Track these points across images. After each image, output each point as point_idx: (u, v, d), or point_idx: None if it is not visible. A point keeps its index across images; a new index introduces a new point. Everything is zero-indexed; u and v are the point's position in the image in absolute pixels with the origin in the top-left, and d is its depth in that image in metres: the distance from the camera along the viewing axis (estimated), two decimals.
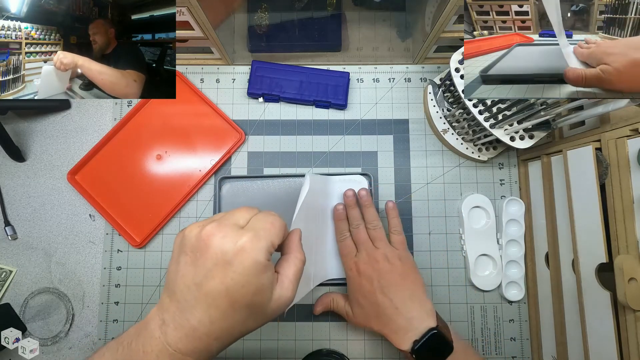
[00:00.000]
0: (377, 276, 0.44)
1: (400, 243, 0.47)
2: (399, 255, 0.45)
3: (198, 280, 0.28)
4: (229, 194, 0.53)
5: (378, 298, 0.43)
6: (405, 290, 0.43)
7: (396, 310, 0.42)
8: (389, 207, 0.49)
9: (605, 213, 0.39)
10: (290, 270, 0.32)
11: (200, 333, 0.28)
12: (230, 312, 0.28)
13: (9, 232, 0.53)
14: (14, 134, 0.55)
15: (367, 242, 0.46)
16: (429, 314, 0.42)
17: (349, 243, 0.47)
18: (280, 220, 0.32)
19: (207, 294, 0.28)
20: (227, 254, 0.28)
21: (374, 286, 0.43)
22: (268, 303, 0.30)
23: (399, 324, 0.41)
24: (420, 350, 0.40)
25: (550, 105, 0.41)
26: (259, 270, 0.28)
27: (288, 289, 0.31)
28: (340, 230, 0.49)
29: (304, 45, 0.57)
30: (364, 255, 0.45)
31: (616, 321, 0.37)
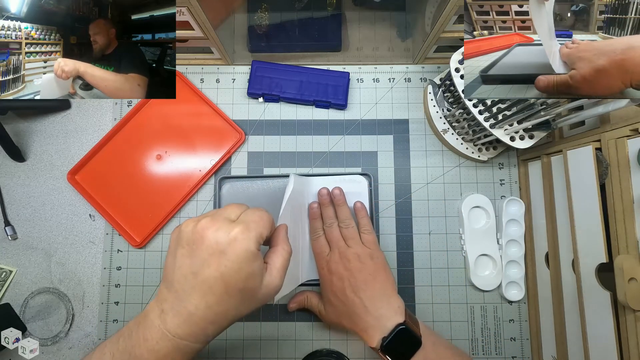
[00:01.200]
0: (348, 275, 0.44)
1: (372, 242, 0.47)
2: (370, 254, 0.45)
3: (195, 270, 0.31)
4: (229, 194, 0.53)
5: (348, 296, 0.43)
6: (375, 289, 0.43)
7: (365, 309, 0.42)
8: (357, 207, 0.50)
9: (605, 213, 0.39)
10: (278, 261, 0.34)
11: (197, 318, 0.31)
12: (225, 297, 0.31)
13: (9, 232, 0.53)
14: (14, 134, 0.55)
15: (339, 240, 0.47)
16: (397, 312, 0.42)
17: (322, 242, 0.48)
18: (267, 214, 0.34)
19: (204, 281, 0.30)
20: (221, 244, 0.30)
21: (344, 285, 0.44)
22: (259, 289, 0.32)
23: (368, 322, 0.42)
24: (388, 346, 0.40)
25: (550, 105, 0.41)
26: (250, 258, 0.31)
27: (276, 277, 0.34)
28: (314, 229, 0.49)
29: (304, 45, 0.57)
30: (336, 254, 0.46)
31: (616, 321, 0.37)
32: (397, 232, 0.54)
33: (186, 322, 0.31)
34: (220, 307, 0.31)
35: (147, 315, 0.32)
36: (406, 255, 0.53)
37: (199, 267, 0.31)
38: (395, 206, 0.54)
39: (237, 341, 0.51)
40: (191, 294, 0.31)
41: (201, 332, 0.31)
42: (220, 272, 0.30)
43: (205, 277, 0.31)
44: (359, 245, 0.46)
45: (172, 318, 0.31)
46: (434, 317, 0.52)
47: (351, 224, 0.48)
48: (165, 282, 0.33)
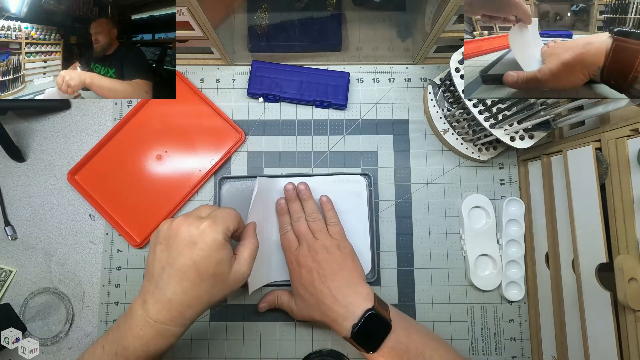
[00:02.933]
0: (317, 266, 0.44)
1: (338, 233, 0.48)
2: (337, 244, 0.46)
3: (171, 261, 0.35)
4: (228, 194, 0.53)
5: (317, 287, 0.44)
6: (342, 279, 0.44)
7: (334, 299, 0.43)
8: (323, 201, 0.50)
9: (605, 213, 0.39)
10: (246, 252, 0.39)
11: (175, 303, 0.35)
12: (198, 282, 0.35)
13: (9, 232, 0.53)
14: (14, 134, 0.55)
15: (307, 234, 0.47)
16: (366, 298, 0.43)
17: (290, 236, 0.48)
18: (235, 211, 0.40)
19: (179, 269, 0.35)
20: (192, 237, 0.35)
21: (313, 276, 0.44)
22: (228, 274, 0.37)
23: (338, 312, 0.42)
24: (359, 333, 0.41)
25: (550, 105, 0.41)
26: (218, 247, 0.36)
27: (243, 265, 0.38)
28: (282, 224, 0.50)
29: (304, 45, 0.57)
30: (304, 247, 0.46)
31: (616, 321, 0.37)
32: (397, 232, 0.54)
33: (166, 308, 0.35)
34: (195, 291, 0.35)
35: (132, 308, 0.37)
36: (406, 255, 0.53)
37: (175, 258, 0.35)
38: (395, 206, 0.54)
39: (237, 341, 0.51)
40: (169, 282, 0.35)
41: (180, 315, 0.36)
42: (192, 260, 0.35)
43: (180, 265, 0.35)
44: (326, 237, 0.46)
45: (152, 306, 0.35)
46: (434, 317, 0.52)
47: (318, 217, 0.48)
48: (146, 276, 0.37)
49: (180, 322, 0.36)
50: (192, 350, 0.51)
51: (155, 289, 0.36)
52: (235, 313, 0.52)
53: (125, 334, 0.36)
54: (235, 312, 0.52)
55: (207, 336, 0.51)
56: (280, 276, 0.51)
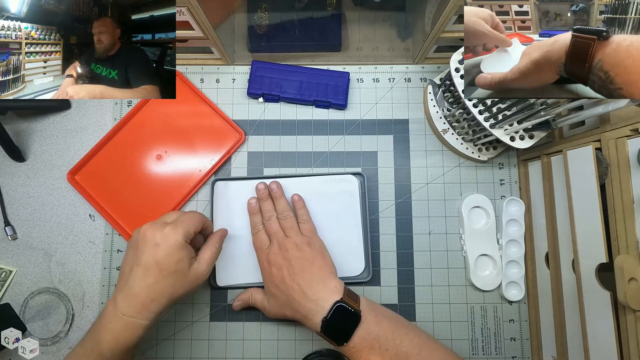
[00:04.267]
0: (287, 264, 0.45)
1: (309, 230, 0.48)
2: (308, 241, 0.46)
3: (138, 260, 0.40)
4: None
5: (287, 284, 0.44)
6: (312, 274, 0.44)
7: (304, 295, 0.43)
8: (294, 199, 0.51)
9: (605, 213, 0.39)
10: (207, 254, 0.44)
11: (141, 297, 0.40)
12: (160, 278, 0.40)
13: (9, 232, 0.53)
14: (14, 134, 0.55)
15: (278, 232, 0.47)
16: (334, 291, 0.43)
17: (261, 236, 0.48)
18: (198, 215, 0.45)
19: (144, 267, 0.40)
20: (156, 239, 0.40)
21: (283, 273, 0.44)
22: (187, 272, 0.41)
23: (308, 307, 0.42)
24: (329, 326, 0.41)
25: (550, 105, 0.41)
26: (178, 247, 0.40)
27: (202, 265, 0.42)
28: (253, 224, 0.50)
29: (304, 45, 0.57)
30: (275, 245, 0.46)
31: (616, 321, 0.37)
32: (397, 232, 0.54)
33: (132, 302, 0.39)
34: (158, 286, 0.40)
35: (104, 310, 0.41)
36: (406, 255, 0.53)
37: (140, 257, 0.40)
38: (395, 206, 0.54)
39: (237, 341, 0.51)
40: (135, 279, 0.40)
41: (145, 308, 0.39)
42: (155, 259, 0.40)
43: (144, 263, 0.40)
44: (297, 235, 0.47)
45: (121, 301, 0.40)
46: (434, 317, 0.52)
47: (289, 214, 0.48)
48: (119, 278, 0.42)
49: (146, 315, 0.40)
50: (192, 350, 0.51)
51: (124, 286, 0.40)
52: (235, 313, 0.52)
53: (99, 330, 0.40)
54: (235, 312, 0.52)
55: (207, 336, 0.51)
56: (252, 279, 0.51)
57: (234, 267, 0.51)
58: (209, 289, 0.52)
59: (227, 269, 0.51)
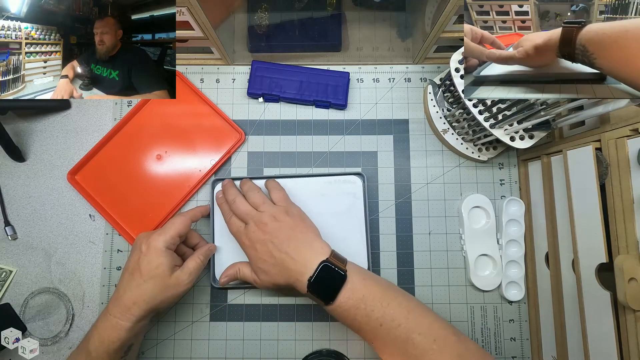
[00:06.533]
0: (270, 237, 0.44)
1: (283, 199, 0.48)
2: (285, 210, 0.46)
3: (126, 265, 0.44)
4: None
5: (276, 256, 0.43)
6: (298, 240, 0.44)
7: (293, 260, 0.43)
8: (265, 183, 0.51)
9: (605, 213, 0.39)
10: (191, 264, 0.46)
11: (124, 299, 0.42)
12: (141, 282, 0.43)
13: (9, 232, 0.53)
14: (14, 134, 0.55)
15: (250, 211, 0.46)
16: (321, 252, 0.43)
17: (234, 221, 0.47)
18: (181, 219, 0.46)
19: (129, 271, 0.43)
20: (142, 246, 0.44)
21: (269, 247, 0.44)
22: (168, 278, 0.43)
23: (298, 270, 0.42)
24: (314, 284, 0.41)
25: (550, 105, 0.41)
26: (158, 253, 0.43)
27: (185, 274, 0.44)
28: (224, 212, 0.49)
29: (304, 45, 0.57)
30: (251, 225, 0.45)
31: (616, 321, 0.37)
32: (397, 232, 0.54)
33: (118, 304, 0.42)
34: (139, 289, 0.42)
35: (98, 316, 0.44)
36: (406, 255, 0.53)
37: (128, 263, 0.44)
38: (395, 206, 0.54)
39: (237, 341, 0.51)
40: (122, 282, 0.44)
41: (127, 310, 0.42)
42: (138, 263, 0.43)
43: (129, 267, 0.44)
44: (271, 207, 0.46)
45: (110, 304, 0.43)
46: None
47: (255, 189, 0.48)
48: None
49: (128, 317, 0.42)
50: (192, 350, 0.51)
51: (115, 292, 0.44)
52: (235, 313, 0.52)
53: (92, 328, 0.43)
54: (235, 312, 0.52)
55: (207, 336, 0.51)
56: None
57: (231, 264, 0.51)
58: (209, 289, 0.52)
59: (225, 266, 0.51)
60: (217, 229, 0.52)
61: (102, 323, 0.42)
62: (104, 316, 0.42)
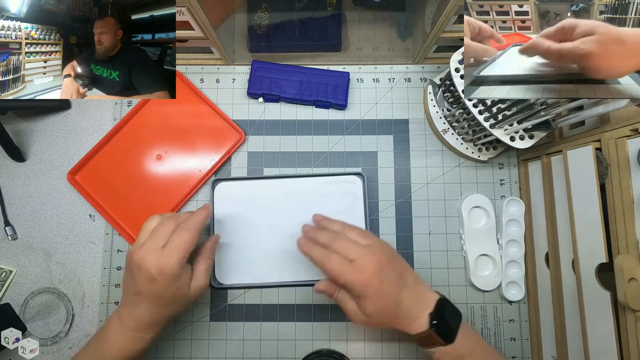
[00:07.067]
0: (390, 269, 0.41)
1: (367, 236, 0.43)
2: (380, 246, 0.42)
3: (138, 289, 0.40)
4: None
5: (400, 293, 0.41)
6: (410, 272, 0.43)
7: (414, 295, 0.41)
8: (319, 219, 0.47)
9: (605, 213, 0.39)
10: (202, 267, 0.44)
11: (145, 320, 0.42)
12: (163, 306, 0.41)
13: (9, 232, 0.53)
14: (14, 134, 0.55)
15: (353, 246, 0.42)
16: (431, 289, 0.43)
17: (337, 260, 0.41)
18: (190, 235, 0.41)
19: (146, 298, 0.41)
20: (152, 273, 0.39)
21: (394, 283, 0.41)
22: (187, 293, 0.42)
23: (419, 306, 0.41)
24: (438, 320, 0.40)
25: (550, 105, 0.41)
26: (175, 277, 0.40)
27: (200, 280, 0.43)
28: (318, 257, 0.42)
29: (304, 45, 0.57)
30: (364, 260, 0.40)
31: (616, 321, 0.37)
32: (397, 232, 0.54)
33: (138, 322, 0.41)
34: (161, 312, 0.42)
35: (110, 320, 0.43)
36: (406, 255, 0.53)
37: (141, 289, 0.40)
38: (395, 206, 0.54)
39: (237, 341, 0.51)
40: (139, 305, 0.41)
41: (150, 327, 0.42)
42: (155, 293, 0.40)
43: (145, 295, 0.40)
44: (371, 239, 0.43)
45: (128, 319, 0.42)
46: None
47: (351, 227, 0.44)
48: (123, 293, 0.44)
49: (150, 331, 0.42)
50: (192, 351, 0.51)
51: (129, 307, 0.42)
52: (235, 313, 0.52)
53: (103, 341, 0.42)
54: (235, 312, 0.52)
55: (207, 336, 0.51)
56: (252, 279, 0.52)
57: (234, 267, 0.52)
58: (209, 289, 0.52)
59: (227, 269, 0.51)
60: (217, 229, 0.52)
61: (120, 337, 0.41)
62: (119, 329, 0.41)
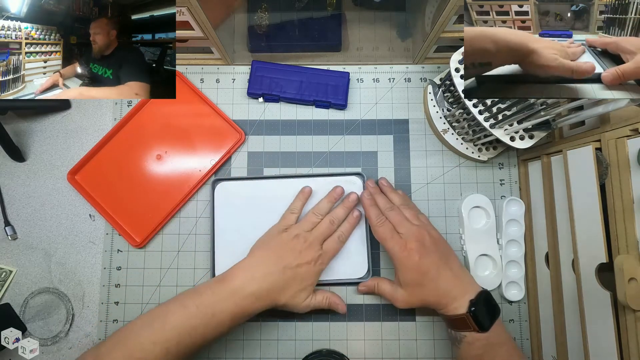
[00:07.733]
0: (434, 249, 0.45)
1: (420, 218, 0.48)
2: (430, 229, 0.47)
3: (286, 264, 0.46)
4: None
5: (440, 272, 0.44)
6: (455, 260, 0.46)
7: (456, 278, 0.44)
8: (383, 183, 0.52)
9: (605, 213, 0.39)
10: (319, 297, 0.48)
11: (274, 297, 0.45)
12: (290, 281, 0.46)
13: (9, 232, 0.53)
14: (14, 134, 0.55)
15: (404, 221, 0.47)
16: (474, 280, 0.46)
17: (388, 227, 0.46)
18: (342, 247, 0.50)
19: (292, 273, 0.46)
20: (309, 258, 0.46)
21: (435, 260, 0.45)
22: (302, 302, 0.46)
23: (461, 289, 0.44)
24: (476, 305, 0.42)
25: (550, 105, 0.41)
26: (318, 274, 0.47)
27: (309, 300, 0.47)
28: (373, 216, 0.47)
29: (304, 45, 0.57)
30: (411, 236, 0.45)
31: (616, 321, 0.37)
32: None
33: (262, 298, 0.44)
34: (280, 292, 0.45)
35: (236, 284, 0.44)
36: None
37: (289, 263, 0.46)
38: None
39: (237, 341, 0.51)
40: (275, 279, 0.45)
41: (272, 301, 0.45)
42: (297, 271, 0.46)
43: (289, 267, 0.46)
44: (424, 222, 0.48)
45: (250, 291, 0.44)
46: (434, 318, 0.52)
47: (410, 203, 0.51)
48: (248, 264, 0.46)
49: (266, 304, 0.45)
50: None
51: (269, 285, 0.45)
52: None
53: (226, 301, 0.43)
54: None
55: None
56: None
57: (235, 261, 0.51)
58: None
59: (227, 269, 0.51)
60: (217, 229, 0.52)
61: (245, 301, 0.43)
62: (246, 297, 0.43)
